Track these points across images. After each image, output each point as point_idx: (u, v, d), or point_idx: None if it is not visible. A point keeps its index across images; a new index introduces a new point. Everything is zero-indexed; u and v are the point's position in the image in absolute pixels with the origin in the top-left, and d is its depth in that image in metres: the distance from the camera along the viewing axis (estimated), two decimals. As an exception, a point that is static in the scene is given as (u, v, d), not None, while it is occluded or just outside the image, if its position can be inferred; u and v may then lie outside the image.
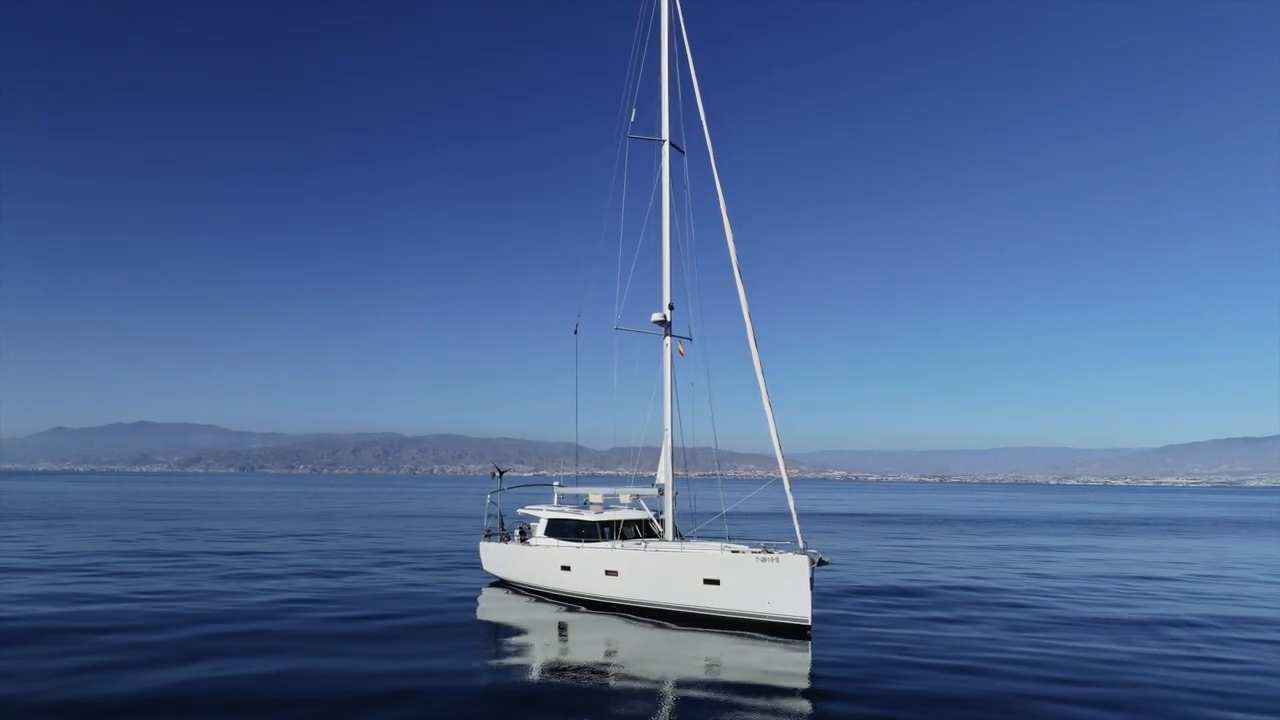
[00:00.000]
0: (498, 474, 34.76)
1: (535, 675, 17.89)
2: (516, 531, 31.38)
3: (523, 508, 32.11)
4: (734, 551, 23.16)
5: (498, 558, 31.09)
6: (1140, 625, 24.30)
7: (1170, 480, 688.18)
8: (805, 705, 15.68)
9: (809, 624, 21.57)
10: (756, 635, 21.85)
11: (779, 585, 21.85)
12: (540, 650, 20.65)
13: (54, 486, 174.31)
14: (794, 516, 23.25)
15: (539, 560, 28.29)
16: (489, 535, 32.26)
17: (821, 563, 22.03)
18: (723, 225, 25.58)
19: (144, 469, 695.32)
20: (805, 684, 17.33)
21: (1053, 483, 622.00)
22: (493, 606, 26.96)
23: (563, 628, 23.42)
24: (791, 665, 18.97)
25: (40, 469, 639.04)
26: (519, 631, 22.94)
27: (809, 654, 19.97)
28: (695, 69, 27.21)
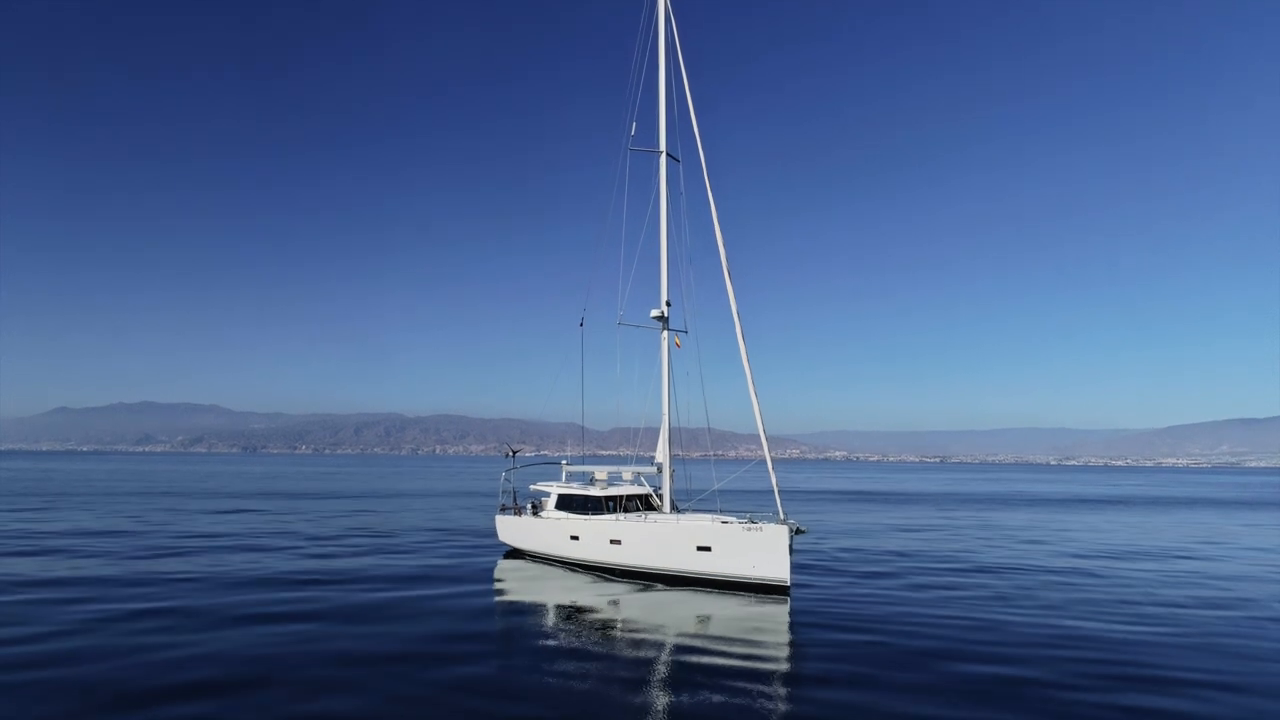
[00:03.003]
0: (511, 454, 37.96)
1: (549, 631, 20.64)
2: (529, 506, 34.43)
3: (534, 484, 35.27)
4: (723, 522, 26.26)
5: (512, 529, 34.17)
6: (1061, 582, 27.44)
7: (1171, 461, 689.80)
8: (784, 653, 18.61)
9: (788, 584, 24.74)
10: (743, 594, 24.96)
11: (762, 551, 24.98)
12: (553, 609, 23.50)
13: (115, 466, 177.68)
14: (775, 492, 26.42)
15: (551, 531, 31.40)
16: (504, 509, 35.34)
17: (799, 531, 25.11)
18: (714, 231, 28.54)
19: (147, 449, 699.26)
20: (785, 636, 20.24)
21: (1054, 463, 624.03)
22: (510, 572, 29.98)
23: (573, 590, 26.44)
24: (773, 620, 21.93)
25: (44, 448, 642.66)
26: (535, 593, 25.98)
27: (788, 610, 23.01)
28: (690, 84, 30.02)
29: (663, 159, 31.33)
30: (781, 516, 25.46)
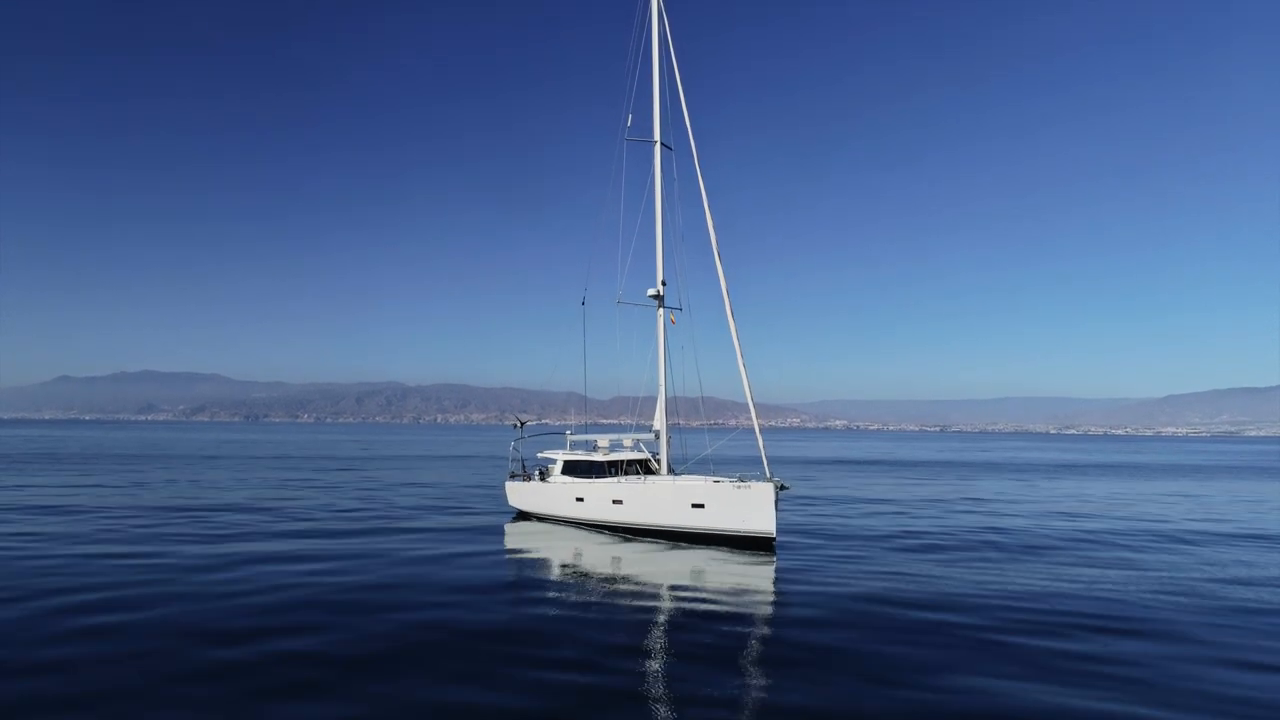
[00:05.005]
0: (519, 424, 40.57)
1: (557, 582, 23.01)
2: (536, 472, 37.02)
3: (541, 452, 37.85)
4: (715, 482, 28.85)
5: (521, 494, 36.75)
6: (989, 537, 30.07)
7: (1170, 430, 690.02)
8: (770, 594, 21.13)
9: (774, 536, 27.40)
10: (734, 547, 27.58)
11: (751, 507, 27.58)
12: (560, 563, 25.91)
13: (148, 435, 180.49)
14: (763, 454, 29.04)
15: (558, 494, 33.99)
16: (513, 476, 37.93)
17: (783, 488, 27.72)
18: (705, 215, 30.89)
19: (149, 417, 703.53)
20: (770, 582, 22.73)
21: (1053, 432, 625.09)
22: (519, 532, 32.54)
23: (579, 546, 28.98)
24: (761, 568, 24.49)
25: (47, 417, 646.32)
26: (544, 550, 28.49)
27: (774, 559, 25.64)
28: (681, 73, 32.09)
29: (657, 148, 33.45)
30: (768, 476, 28.05)
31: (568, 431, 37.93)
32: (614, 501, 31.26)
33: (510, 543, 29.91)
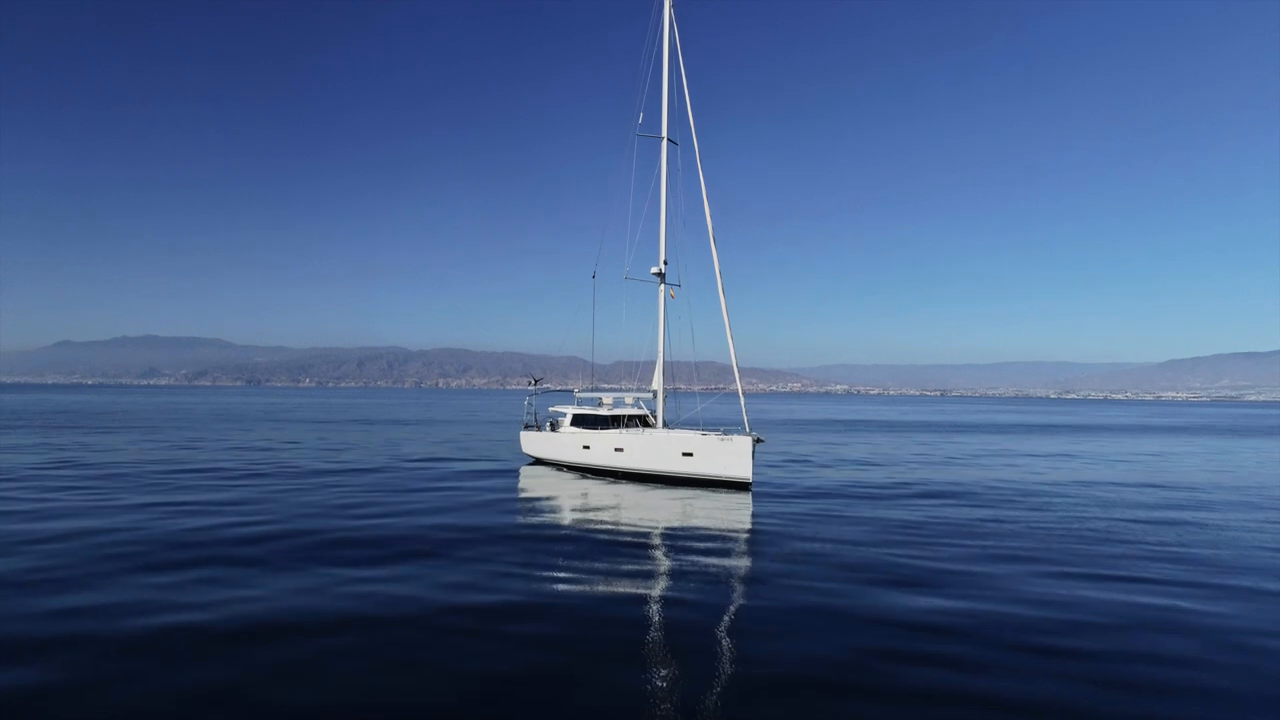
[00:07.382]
0: (534, 383, 45.74)
1: (568, 517, 27.16)
2: (548, 424, 42.10)
3: (552, 407, 42.93)
4: (703, 434, 33.87)
5: (534, 443, 41.84)
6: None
7: (1170, 395, 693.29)
8: (747, 523, 25.80)
9: (750, 481, 32.46)
10: (717, 489, 32.53)
11: (732, 456, 32.59)
12: (570, 501, 30.35)
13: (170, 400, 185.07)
14: (744, 414, 34.16)
15: (567, 443, 39.04)
16: (528, 426, 43.05)
17: (759, 441, 32.70)
18: (704, 206, 35.63)
19: (151, 382, 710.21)
20: (748, 514, 27.52)
21: (1053, 397, 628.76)
22: (534, 476, 37.47)
23: (586, 487, 33.76)
24: (738, 506, 29.24)
25: (49, 382, 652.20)
26: (556, 490, 33.28)
27: (750, 499, 30.51)
28: (688, 79, 36.57)
29: (664, 144, 38.04)
30: (748, 431, 33.03)
31: (576, 390, 42.93)
32: (616, 449, 36.29)
33: (525, 483, 34.80)
